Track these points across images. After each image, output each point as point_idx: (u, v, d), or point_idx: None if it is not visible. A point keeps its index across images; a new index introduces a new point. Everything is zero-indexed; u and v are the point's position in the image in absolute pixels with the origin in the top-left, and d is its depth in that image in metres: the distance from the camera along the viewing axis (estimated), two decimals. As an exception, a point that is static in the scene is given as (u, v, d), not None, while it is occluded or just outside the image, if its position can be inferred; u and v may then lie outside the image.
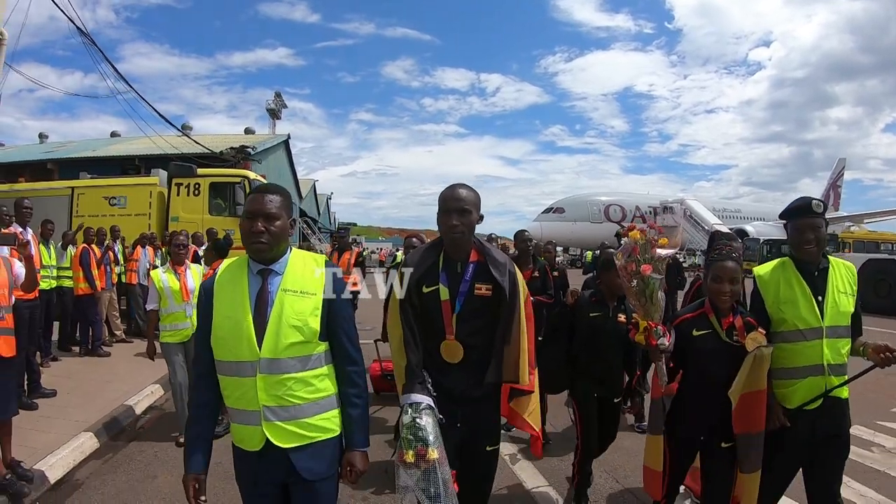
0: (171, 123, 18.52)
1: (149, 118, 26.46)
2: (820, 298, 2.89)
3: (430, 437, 2.33)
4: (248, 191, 12.24)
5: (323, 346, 2.15)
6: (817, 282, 2.92)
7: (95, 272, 8.54)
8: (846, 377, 2.89)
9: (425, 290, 2.61)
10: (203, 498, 2.13)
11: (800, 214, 2.94)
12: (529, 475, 4.59)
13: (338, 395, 2.21)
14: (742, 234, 39.86)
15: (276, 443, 2.06)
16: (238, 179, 12.68)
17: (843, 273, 2.98)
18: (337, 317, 2.17)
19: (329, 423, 2.16)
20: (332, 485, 2.21)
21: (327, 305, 2.14)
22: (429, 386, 2.51)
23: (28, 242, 4.04)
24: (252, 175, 13.14)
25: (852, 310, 2.94)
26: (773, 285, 3.00)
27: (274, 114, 42.82)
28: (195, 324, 2.65)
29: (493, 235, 8.66)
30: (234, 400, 2.11)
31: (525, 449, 5.00)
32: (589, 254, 24.28)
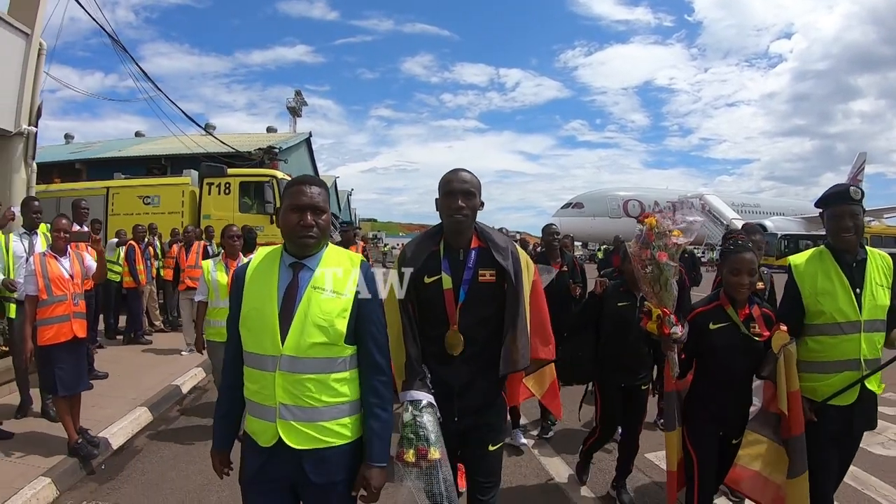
0: (196, 123, 19.09)
1: (172, 118, 27.03)
2: (858, 291, 2.82)
3: (432, 436, 2.26)
4: (276, 190, 12.81)
5: (349, 350, 2.07)
6: (855, 273, 2.85)
7: (140, 267, 9.18)
8: (879, 373, 2.87)
9: (427, 280, 2.52)
10: (226, 470, 2.28)
11: (837, 201, 2.86)
12: (555, 467, 4.67)
13: (360, 401, 2.13)
14: (761, 228, 40.08)
15: (288, 442, 2.00)
16: (267, 179, 13.16)
17: (879, 264, 2.90)
18: (366, 321, 2.08)
19: (346, 429, 2.07)
20: (345, 492, 2.11)
21: (357, 308, 2.06)
22: (428, 382, 2.44)
23: (101, 239, 4.62)
24: (280, 174, 13.63)
25: (888, 303, 2.86)
26: (811, 276, 2.91)
27: (294, 112, 43.57)
28: None
29: (504, 230, 8.77)
30: (253, 392, 2.07)
31: (552, 440, 5.21)
32: (600, 251, 24.06)
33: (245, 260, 4.06)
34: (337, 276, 2.06)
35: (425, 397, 2.35)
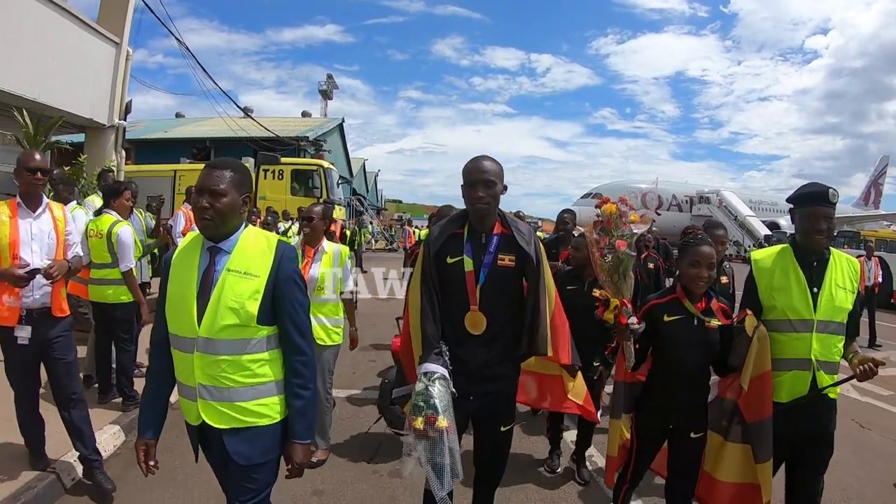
0: (238, 107, 20.52)
1: (207, 97, 28.32)
2: (815, 290, 2.76)
3: (441, 405, 2.31)
4: (322, 177, 14.63)
5: (265, 331, 2.05)
6: (815, 273, 2.79)
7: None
8: (837, 376, 2.79)
9: (449, 260, 2.59)
10: (152, 462, 2.14)
11: (814, 202, 2.78)
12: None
13: (283, 382, 2.12)
14: (774, 226, 41.05)
15: (208, 422, 2.03)
16: (314, 167, 15.05)
17: (844, 267, 2.84)
18: (283, 301, 2.06)
19: (268, 409, 2.07)
20: (267, 472, 2.13)
21: (272, 289, 2.04)
22: (445, 357, 2.48)
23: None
24: (325, 164, 15.46)
25: (850, 307, 2.80)
26: (769, 271, 2.89)
27: (326, 95, 44.71)
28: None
29: (520, 213, 9.41)
30: (178, 373, 2.10)
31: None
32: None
33: (324, 245, 4.18)
34: (252, 258, 2.06)
35: (439, 370, 2.41)
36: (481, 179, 2.51)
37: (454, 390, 2.42)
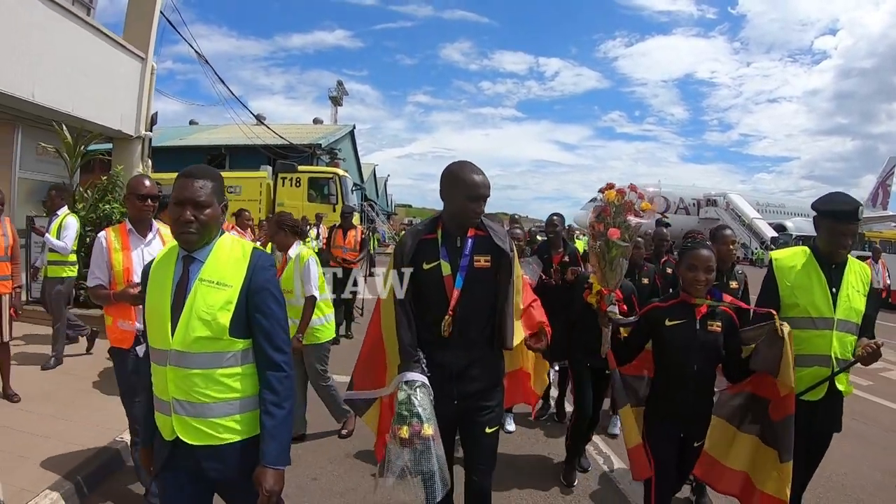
0: (252, 114, 20.99)
1: (219, 103, 28.55)
2: (834, 290, 2.87)
3: (425, 414, 2.29)
4: (338, 185, 15.28)
5: (240, 344, 1.97)
6: (833, 274, 2.90)
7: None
8: (849, 375, 2.92)
9: (425, 266, 2.56)
10: (152, 467, 2.14)
11: (844, 218, 2.86)
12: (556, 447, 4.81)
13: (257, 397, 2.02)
14: (780, 228, 41.33)
15: (182, 438, 1.95)
16: (330, 175, 15.78)
17: (857, 271, 2.96)
18: (255, 312, 1.98)
19: (245, 425, 2.00)
20: (251, 487, 1.96)
21: (245, 300, 1.97)
22: (423, 366, 2.46)
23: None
24: (341, 172, 16.19)
25: (863, 309, 2.91)
26: (790, 270, 2.96)
27: (336, 101, 45.06)
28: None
29: (516, 216, 9.71)
30: (154, 386, 2.02)
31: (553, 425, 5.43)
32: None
33: (292, 252, 4.52)
34: (225, 268, 1.99)
35: (419, 378, 2.40)
36: (485, 195, 2.54)
37: (433, 397, 2.41)
